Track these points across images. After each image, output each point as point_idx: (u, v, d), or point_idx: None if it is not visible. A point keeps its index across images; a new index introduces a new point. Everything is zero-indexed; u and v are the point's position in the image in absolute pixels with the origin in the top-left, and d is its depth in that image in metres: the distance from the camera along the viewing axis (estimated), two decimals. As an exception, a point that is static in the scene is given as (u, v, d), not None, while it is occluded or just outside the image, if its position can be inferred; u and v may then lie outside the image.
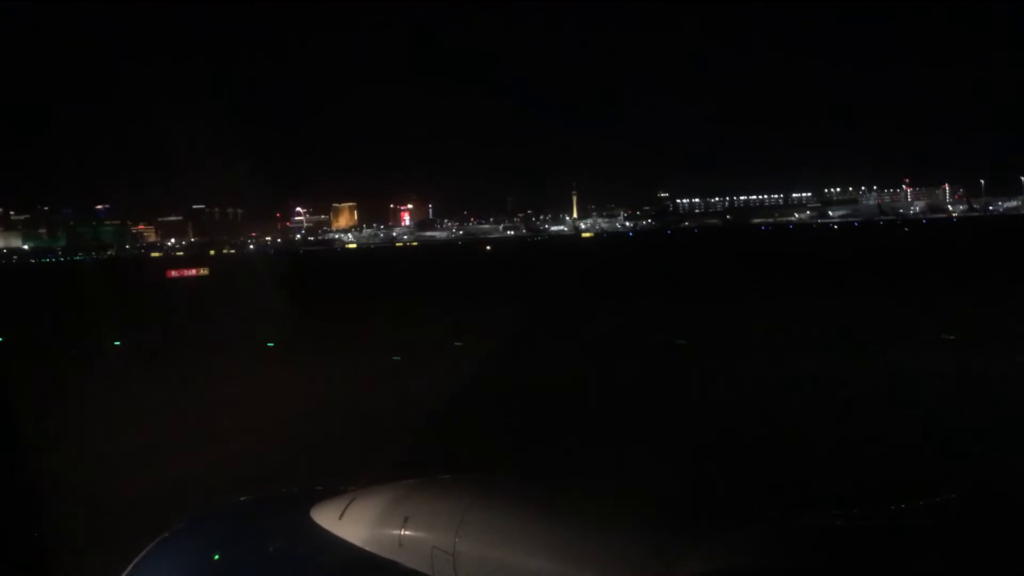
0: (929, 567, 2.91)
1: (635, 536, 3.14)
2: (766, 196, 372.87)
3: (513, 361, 23.46)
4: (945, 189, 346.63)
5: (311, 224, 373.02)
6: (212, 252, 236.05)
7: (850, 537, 3.18)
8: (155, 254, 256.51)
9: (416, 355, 26.08)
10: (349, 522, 3.77)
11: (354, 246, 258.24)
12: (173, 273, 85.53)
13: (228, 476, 12.93)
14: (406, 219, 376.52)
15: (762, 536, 3.18)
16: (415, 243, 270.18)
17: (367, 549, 3.63)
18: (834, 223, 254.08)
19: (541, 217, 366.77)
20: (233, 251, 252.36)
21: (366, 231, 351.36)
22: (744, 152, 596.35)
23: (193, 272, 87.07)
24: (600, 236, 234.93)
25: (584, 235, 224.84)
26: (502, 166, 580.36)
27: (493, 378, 20.65)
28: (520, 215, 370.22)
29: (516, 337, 27.40)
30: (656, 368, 22.42)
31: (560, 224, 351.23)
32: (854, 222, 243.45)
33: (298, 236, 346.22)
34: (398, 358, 25.38)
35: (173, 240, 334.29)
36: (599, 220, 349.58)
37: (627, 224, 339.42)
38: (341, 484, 4.31)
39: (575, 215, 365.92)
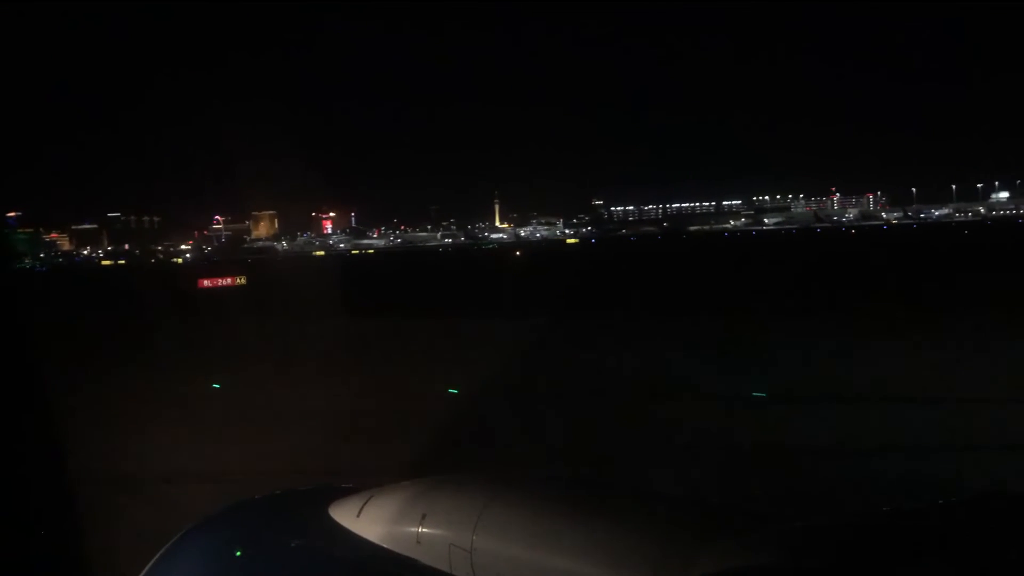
0: (943, 569, 2.86)
1: (652, 534, 3.10)
2: (698, 204, 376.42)
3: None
4: (870, 198, 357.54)
5: (230, 232, 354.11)
6: (180, 260, 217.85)
7: (866, 537, 3.10)
8: (105, 262, 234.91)
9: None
10: (367, 519, 3.78)
11: (322, 253, 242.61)
12: (206, 283, 73.81)
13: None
14: (328, 227, 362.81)
15: (778, 536, 3.13)
16: (371, 250, 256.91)
17: (385, 546, 3.63)
18: (794, 230, 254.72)
19: (482, 224, 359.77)
20: (180, 259, 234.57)
21: (300, 239, 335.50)
22: (671, 160, 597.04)
23: (229, 281, 75.33)
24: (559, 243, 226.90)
25: (569, 241, 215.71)
26: (422, 173, 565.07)
27: None
28: (446, 222, 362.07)
29: None
30: None
31: (499, 232, 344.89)
32: (816, 228, 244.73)
33: (218, 243, 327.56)
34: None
35: (88, 248, 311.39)
36: (539, 228, 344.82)
37: (567, 232, 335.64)
38: (359, 482, 4.27)
39: (498, 222, 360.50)
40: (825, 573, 2.87)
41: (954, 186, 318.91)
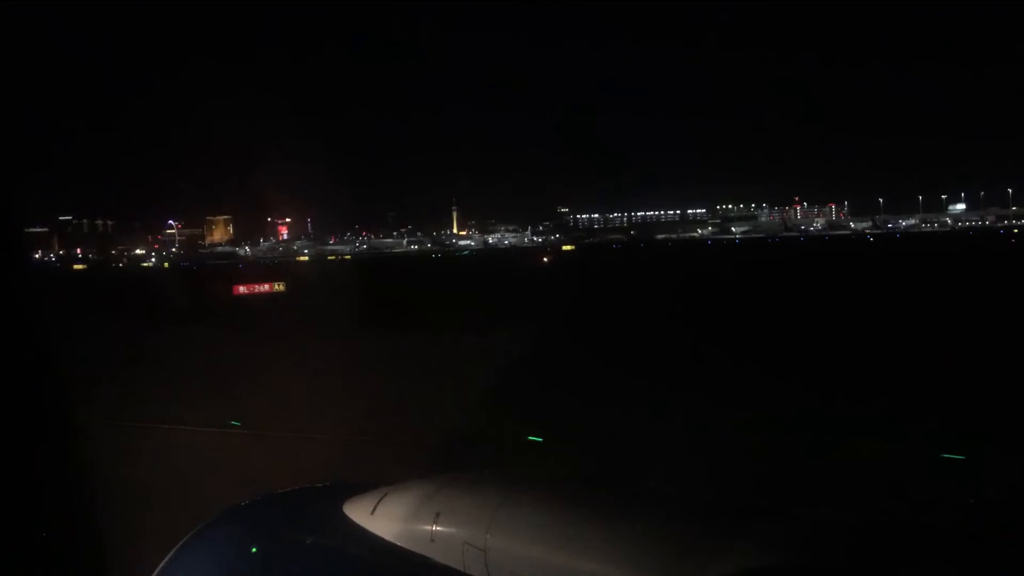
0: (962, 566, 2.86)
1: (667, 533, 3.08)
2: (662, 212, 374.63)
3: None
4: (832, 208, 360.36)
5: (183, 238, 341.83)
6: (150, 264, 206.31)
7: (881, 536, 3.05)
8: (78, 266, 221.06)
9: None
10: (381, 517, 3.79)
11: (306, 259, 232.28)
12: (242, 289, 66.43)
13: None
14: (284, 233, 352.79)
15: (794, 534, 3.09)
16: (347, 256, 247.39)
17: (399, 544, 3.64)
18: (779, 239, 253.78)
19: (447, 232, 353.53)
20: (151, 263, 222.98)
21: (264, 245, 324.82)
22: (631, 168, 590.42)
23: (267, 287, 67.92)
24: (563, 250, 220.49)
25: (565, 247, 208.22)
26: (375, 180, 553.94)
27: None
28: (404, 229, 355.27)
29: None
30: None
31: (467, 239, 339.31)
32: (799, 237, 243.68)
33: (174, 249, 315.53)
34: None
35: (40, 252, 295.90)
36: (507, 235, 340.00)
37: (536, 240, 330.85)
38: (373, 479, 4.31)
39: (455, 229, 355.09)
40: (841, 573, 2.84)
41: (920, 197, 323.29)
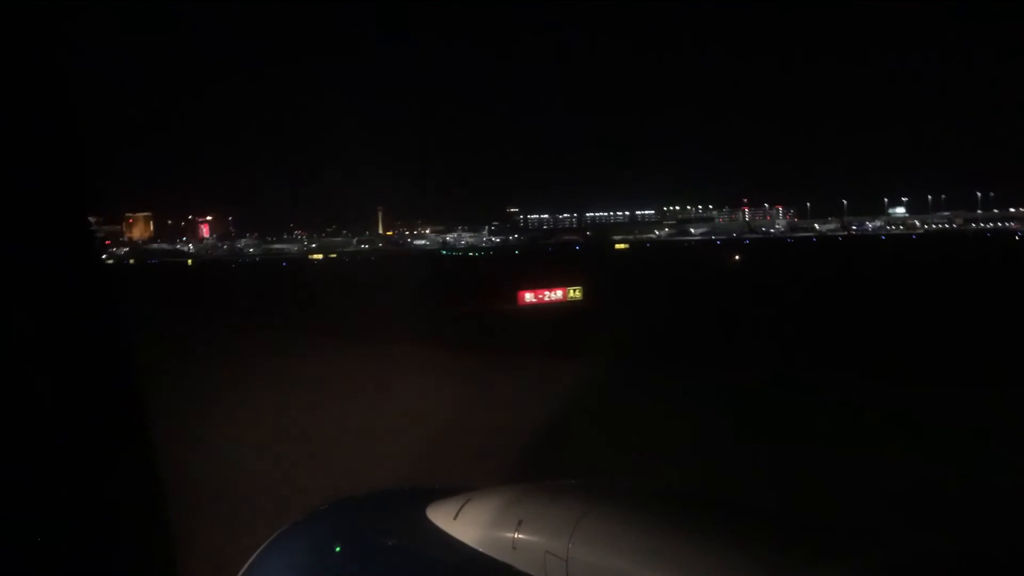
0: None
1: (757, 554, 2.95)
2: (613, 213, 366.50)
3: None
4: (779, 210, 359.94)
5: (103, 234, 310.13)
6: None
7: (986, 567, 2.92)
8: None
9: None
10: (463, 522, 3.79)
11: (318, 257, 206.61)
12: (528, 297, 48.37)
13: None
14: (206, 232, 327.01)
15: (890, 559, 2.93)
16: (319, 255, 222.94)
17: (480, 550, 3.63)
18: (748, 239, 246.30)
19: (368, 233, 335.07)
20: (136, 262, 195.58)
21: (206, 242, 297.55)
22: (571, 168, 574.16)
23: (560, 294, 49.86)
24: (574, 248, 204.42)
25: (618, 247, 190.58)
26: (295, 179, 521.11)
27: None
28: (330, 228, 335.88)
29: None
30: None
31: (423, 239, 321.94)
32: (812, 237, 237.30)
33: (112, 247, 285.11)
34: None
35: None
36: (464, 234, 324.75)
37: (494, 240, 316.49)
38: (456, 484, 4.34)
39: (381, 230, 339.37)
40: None
41: (886, 199, 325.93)
